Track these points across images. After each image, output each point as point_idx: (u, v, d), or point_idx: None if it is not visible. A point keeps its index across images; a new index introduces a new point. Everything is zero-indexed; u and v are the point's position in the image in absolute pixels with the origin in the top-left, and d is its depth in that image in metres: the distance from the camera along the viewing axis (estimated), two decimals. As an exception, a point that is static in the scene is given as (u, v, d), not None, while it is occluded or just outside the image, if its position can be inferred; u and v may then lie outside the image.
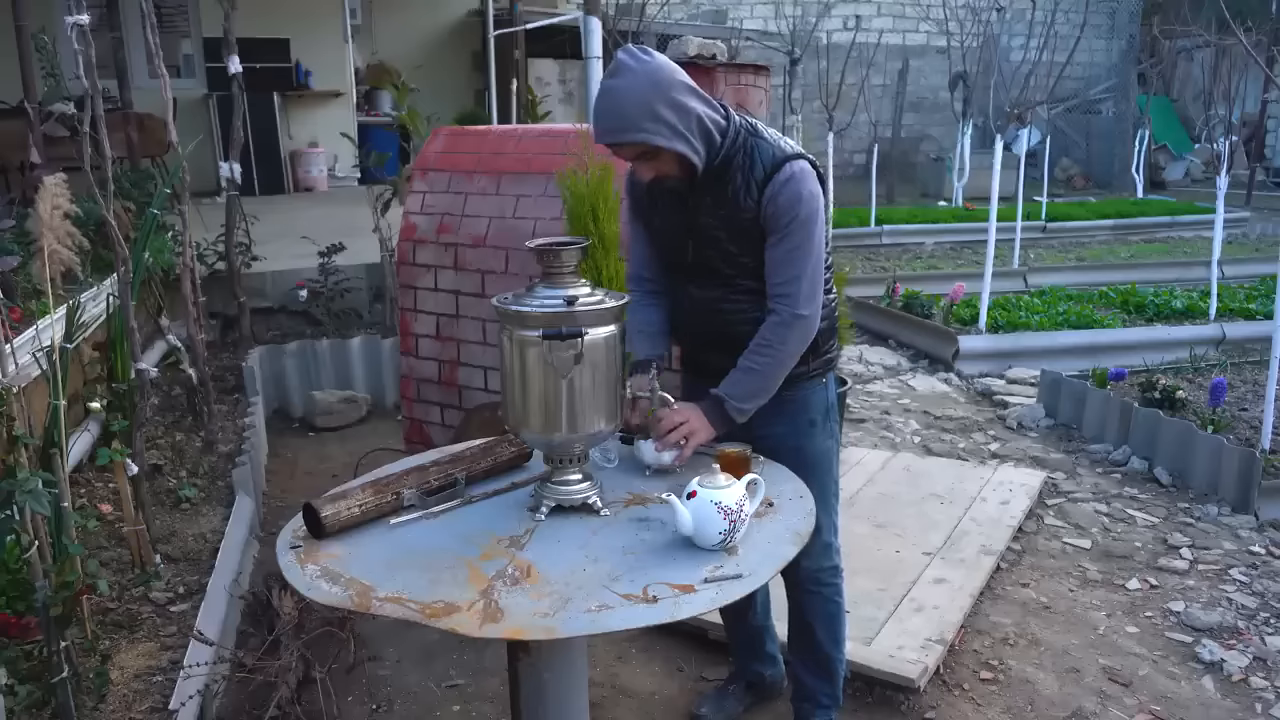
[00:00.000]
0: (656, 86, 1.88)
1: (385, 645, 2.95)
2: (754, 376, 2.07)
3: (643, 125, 1.87)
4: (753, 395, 2.07)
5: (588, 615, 1.52)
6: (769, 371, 2.07)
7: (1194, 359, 5.60)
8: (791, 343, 2.06)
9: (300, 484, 4.22)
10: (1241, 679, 2.82)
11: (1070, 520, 3.86)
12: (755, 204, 2.01)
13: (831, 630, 2.40)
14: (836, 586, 2.38)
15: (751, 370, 2.07)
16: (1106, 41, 15.42)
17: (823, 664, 2.42)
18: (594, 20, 4.53)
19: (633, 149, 1.94)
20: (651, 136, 1.89)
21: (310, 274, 5.50)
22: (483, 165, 3.65)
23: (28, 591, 2.41)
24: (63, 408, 2.62)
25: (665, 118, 1.89)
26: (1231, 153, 6.45)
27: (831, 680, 2.43)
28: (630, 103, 1.87)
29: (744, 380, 2.07)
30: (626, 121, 1.88)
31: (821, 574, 2.35)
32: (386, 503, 1.84)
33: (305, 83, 9.91)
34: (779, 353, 2.06)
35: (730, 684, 2.68)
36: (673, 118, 1.90)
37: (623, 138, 1.90)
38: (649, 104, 1.87)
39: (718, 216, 2.06)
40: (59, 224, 2.61)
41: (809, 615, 2.39)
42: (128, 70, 6.82)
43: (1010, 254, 8.43)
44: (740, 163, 2.01)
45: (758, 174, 2.00)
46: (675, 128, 1.91)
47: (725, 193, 2.03)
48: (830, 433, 2.31)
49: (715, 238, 2.09)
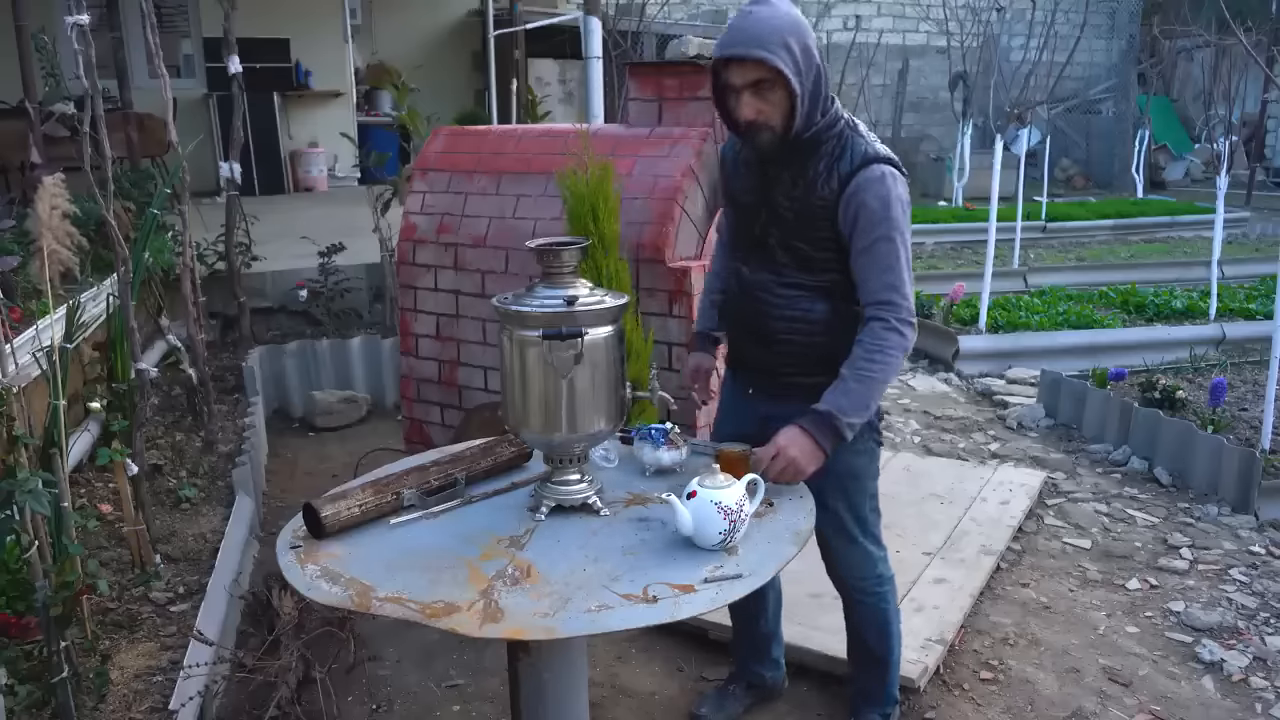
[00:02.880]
0: (796, 25, 1.93)
1: (385, 645, 2.95)
2: (864, 386, 1.96)
3: (773, 49, 1.89)
4: (864, 408, 1.98)
5: (588, 615, 1.52)
6: (879, 381, 1.98)
7: (1194, 359, 5.59)
8: (900, 351, 1.98)
9: (300, 484, 4.22)
10: (1241, 679, 2.82)
11: (1070, 520, 3.86)
12: (833, 194, 1.99)
13: (881, 635, 2.40)
14: (882, 595, 2.36)
15: (862, 379, 1.96)
16: (1106, 41, 15.41)
17: (874, 665, 2.45)
18: (594, 20, 4.53)
19: (754, 70, 1.92)
20: (778, 61, 1.89)
21: (310, 274, 5.49)
22: (483, 165, 3.65)
23: (28, 591, 2.41)
24: (63, 408, 2.62)
25: (795, 52, 1.91)
26: (1231, 153, 6.44)
27: (884, 680, 2.46)
28: (769, 27, 1.91)
29: (856, 391, 1.96)
30: (760, 41, 1.90)
31: (866, 583, 2.34)
32: (386, 503, 1.84)
33: (305, 83, 9.91)
34: (888, 360, 1.97)
35: (731, 684, 2.68)
36: (800, 58, 1.92)
37: (752, 53, 1.90)
38: (784, 35, 1.91)
39: (792, 197, 2.04)
40: (58, 224, 2.61)
41: (858, 621, 2.41)
42: (128, 70, 6.82)
43: (1010, 254, 8.43)
44: (831, 149, 2.00)
45: (844, 166, 1.98)
46: (799, 66, 1.92)
47: (806, 174, 2.01)
48: (860, 450, 2.20)
49: (783, 218, 2.07)
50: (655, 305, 3.15)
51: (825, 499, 2.24)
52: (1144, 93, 13.92)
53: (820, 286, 2.09)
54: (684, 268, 3.11)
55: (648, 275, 3.14)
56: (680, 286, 3.11)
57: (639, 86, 3.45)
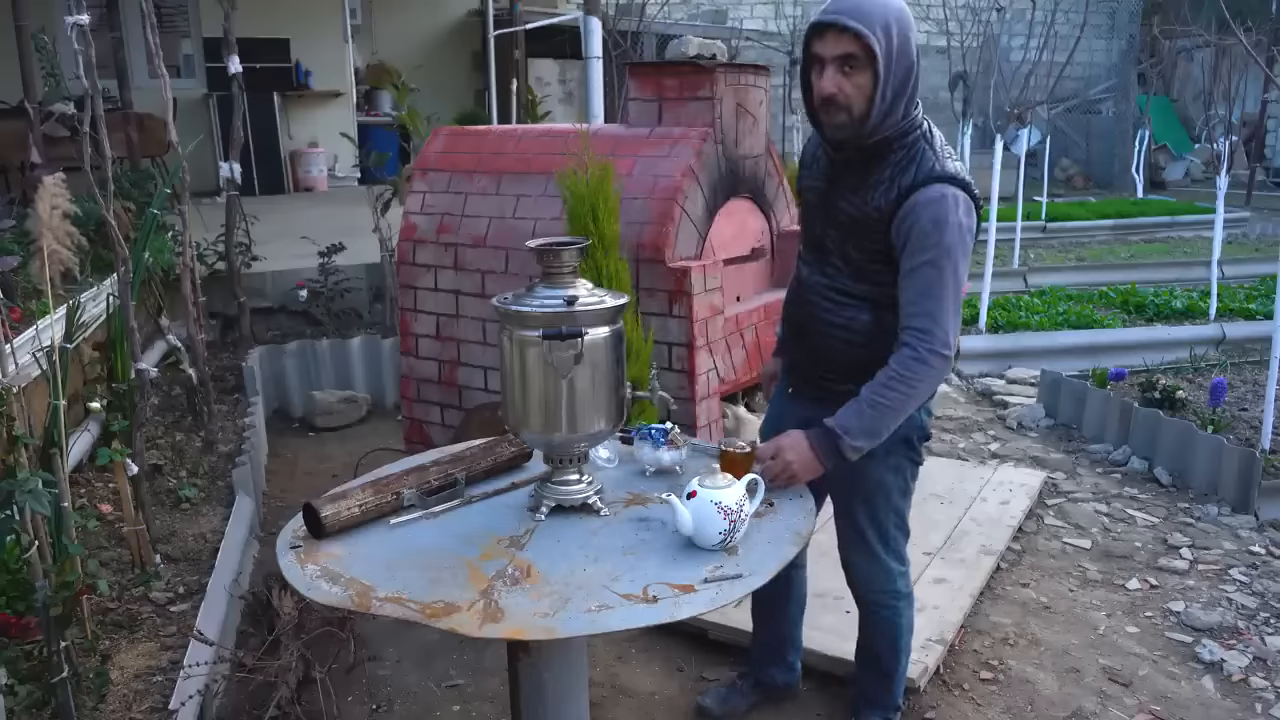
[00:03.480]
0: (902, 14, 1.90)
1: (385, 645, 2.95)
2: (877, 411, 1.91)
3: (873, 26, 1.86)
4: (871, 433, 1.92)
5: (588, 615, 1.52)
6: (895, 409, 1.92)
7: (1194, 359, 5.60)
8: (926, 382, 1.92)
9: (300, 484, 4.21)
10: (1241, 679, 2.82)
11: (1070, 520, 3.86)
12: (890, 206, 1.93)
13: (892, 647, 2.40)
14: (897, 609, 2.36)
15: (877, 405, 1.91)
16: (1106, 41, 15.40)
17: (880, 671, 2.45)
18: (594, 20, 4.54)
19: (846, 42, 1.87)
20: (872, 39, 1.85)
21: (310, 274, 5.49)
22: (483, 165, 3.65)
23: (28, 591, 2.41)
24: (63, 408, 2.62)
25: (893, 38, 1.88)
26: (1231, 153, 6.45)
27: (889, 686, 2.46)
28: (876, 4, 1.88)
29: (866, 415, 1.92)
30: (862, 14, 1.86)
31: (882, 596, 2.34)
32: (386, 503, 1.84)
33: (305, 83, 9.91)
34: (910, 390, 1.91)
35: (741, 680, 2.69)
36: (895, 45, 1.88)
37: (849, 23, 1.85)
38: (888, 17, 1.87)
39: (852, 201, 2.00)
40: (58, 224, 2.61)
41: (871, 630, 2.42)
42: (128, 70, 6.82)
43: (1010, 254, 8.43)
44: (898, 159, 1.94)
45: (906, 180, 1.92)
46: (891, 53, 1.88)
47: (869, 179, 1.97)
48: (892, 467, 2.15)
49: (840, 222, 2.04)
50: (655, 305, 3.15)
51: (848, 509, 2.24)
52: (1144, 93, 13.93)
53: (868, 297, 2.04)
54: (684, 268, 3.11)
55: (648, 275, 3.14)
56: (680, 286, 3.11)
57: (639, 86, 3.45)
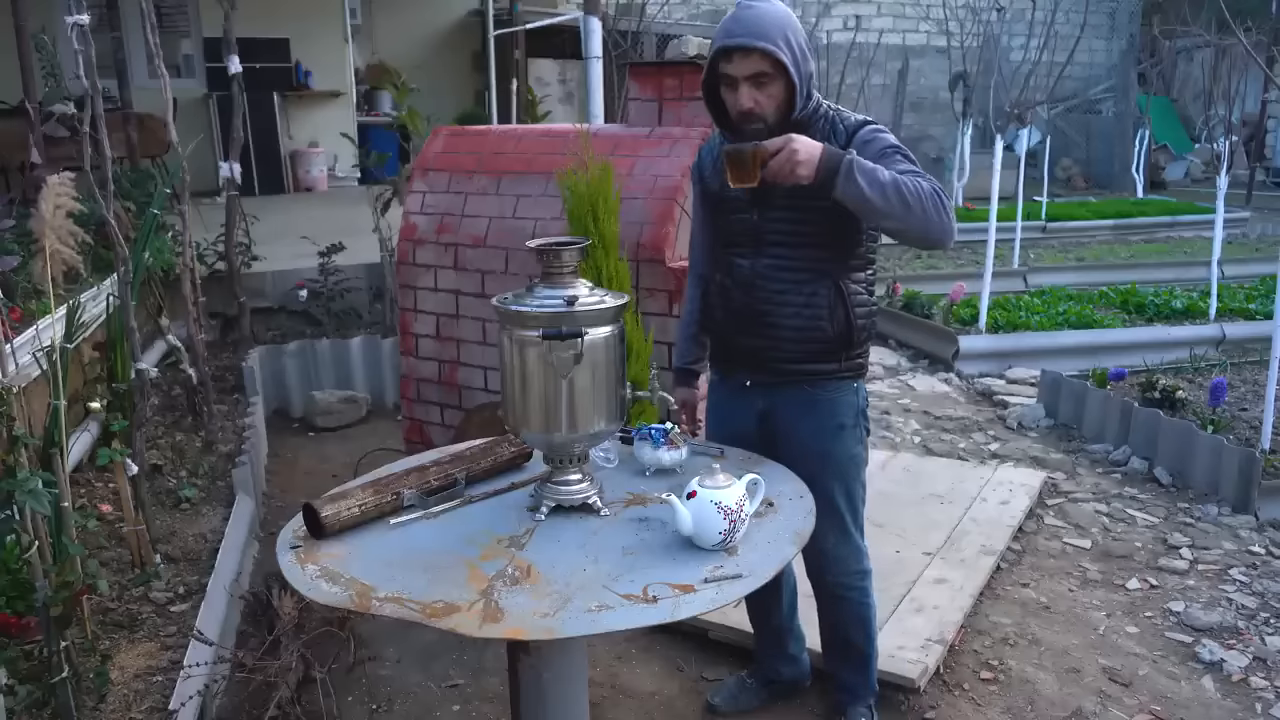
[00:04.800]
0: (792, 20, 2.05)
1: (385, 645, 2.95)
2: (881, 177, 1.90)
3: (777, 41, 1.99)
4: (871, 182, 1.89)
5: (588, 615, 1.52)
6: (896, 189, 1.90)
7: (1194, 359, 5.59)
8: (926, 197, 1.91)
9: (300, 484, 4.22)
10: (1241, 679, 2.82)
11: (1070, 520, 3.86)
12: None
13: (865, 630, 2.46)
14: (864, 589, 2.42)
15: (882, 172, 1.91)
16: (1106, 41, 15.40)
17: (858, 659, 2.49)
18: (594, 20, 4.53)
19: (757, 61, 2.00)
20: (781, 54, 1.99)
21: (310, 274, 5.49)
22: (483, 165, 3.65)
23: (28, 591, 2.41)
24: (63, 408, 2.62)
25: (795, 47, 2.03)
26: (1231, 153, 6.44)
27: (867, 673, 2.50)
28: (771, 21, 2.01)
29: (873, 168, 1.91)
30: (764, 33, 1.99)
31: (851, 578, 2.39)
32: (386, 503, 1.84)
33: (305, 83, 9.91)
34: (911, 188, 1.91)
35: (750, 677, 2.70)
36: (798, 52, 2.03)
37: (758, 44, 1.98)
38: (785, 30, 2.01)
39: None
40: (61, 223, 2.61)
41: (842, 617, 2.44)
42: (128, 70, 6.83)
43: (1010, 254, 8.42)
44: (821, 127, 2.09)
45: (840, 137, 2.07)
46: (797, 60, 2.03)
47: None
48: (859, 439, 2.30)
49: (782, 203, 2.11)
50: (655, 305, 3.15)
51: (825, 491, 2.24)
52: (1144, 93, 13.92)
53: (821, 268, 2.15)
54: (684, 268, 3.10)
55: (648, 275, 3.14)
56: (680, 286, 3.10)
57: (639, 86, 3.45)
